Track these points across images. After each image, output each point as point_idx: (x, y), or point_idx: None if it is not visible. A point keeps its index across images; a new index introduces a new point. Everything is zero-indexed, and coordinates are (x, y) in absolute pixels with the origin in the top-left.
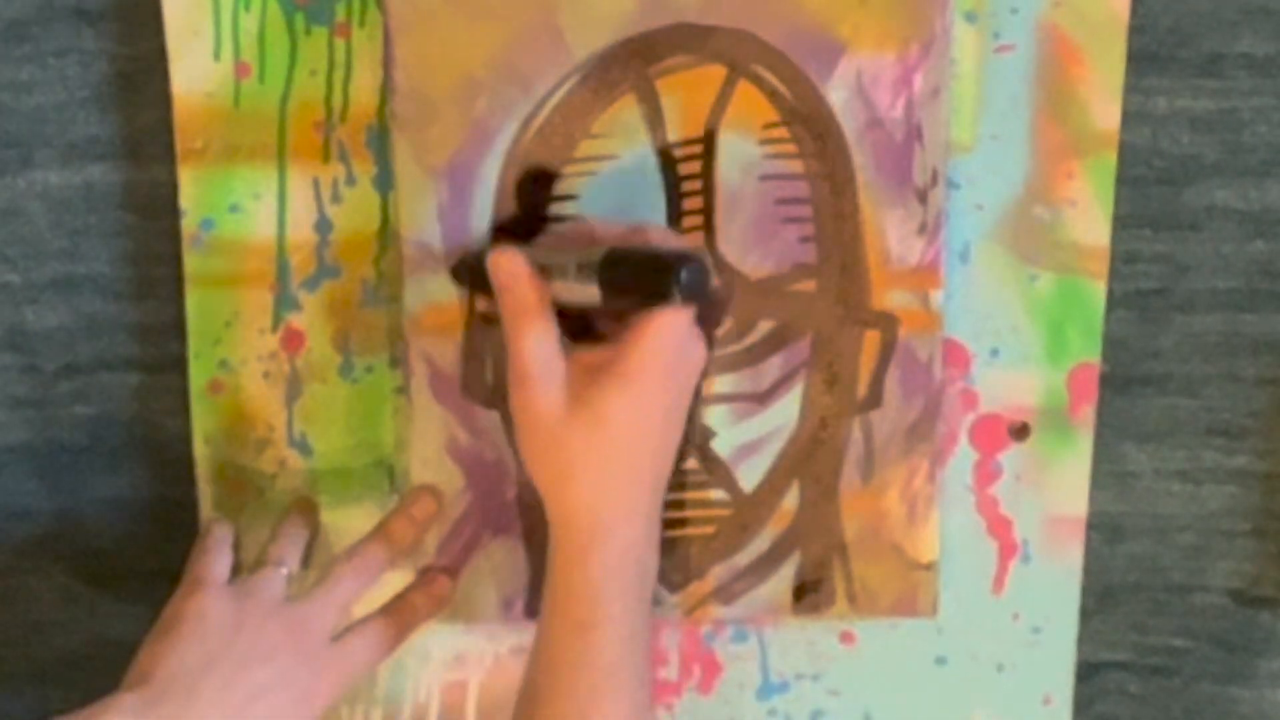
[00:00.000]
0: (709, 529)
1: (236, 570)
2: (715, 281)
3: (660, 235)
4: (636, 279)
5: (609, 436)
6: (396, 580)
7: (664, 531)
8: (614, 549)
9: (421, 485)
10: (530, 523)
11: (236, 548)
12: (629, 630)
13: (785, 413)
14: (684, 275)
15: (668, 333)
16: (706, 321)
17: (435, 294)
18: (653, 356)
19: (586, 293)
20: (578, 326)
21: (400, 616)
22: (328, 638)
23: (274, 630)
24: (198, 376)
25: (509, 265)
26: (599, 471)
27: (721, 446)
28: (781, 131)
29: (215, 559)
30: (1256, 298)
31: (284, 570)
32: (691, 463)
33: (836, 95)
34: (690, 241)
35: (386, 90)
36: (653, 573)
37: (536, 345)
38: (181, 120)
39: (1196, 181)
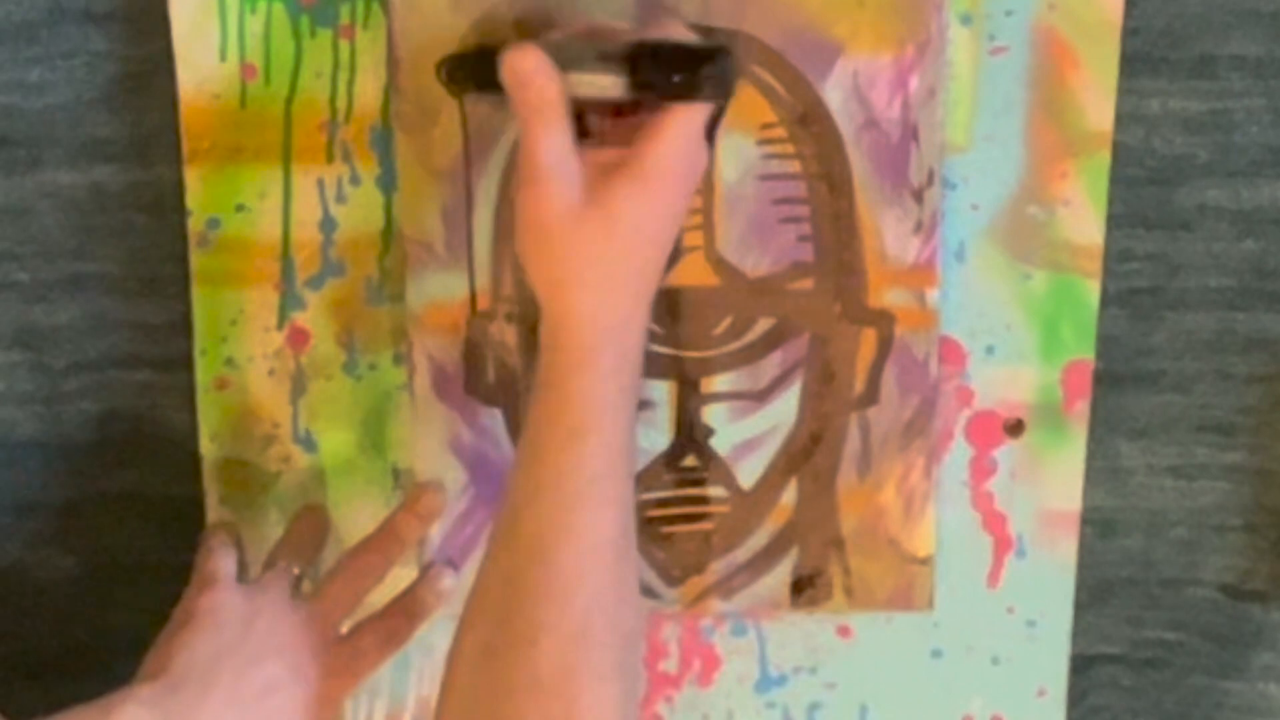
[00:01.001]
0: (708, 525)
1: (242, 569)
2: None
3: (680, 32)
4: (666, 70)
5: (619, 237)
6: (401, 576)
7: (664, 527)
8: (612, 355)
9: (426, 481)
10: None
11: (240, 549)
12: (617, 440)
13: (783, 410)
14: (714, 68)
15: (687, 131)
16: (711, 127)
17: (438, 293)
18: (670, 155)
19: (606, 84)
20: (575, 127)
21: (407, 612)
22: (337, 634)
23: (285, 627)
24: (204, 373)
25: (530, 61)
26: (606, 275)
27: (720, 444)
28: (779, 131)
29: (223, 558)
30: (1248, 296)
31: (294, 570)
32: (691, 460)
33: (833, 96)
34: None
35: (390, 91)
36: (639, 383)
37: (553, 142)
38: (188, 121)
39: (1189, 181)
